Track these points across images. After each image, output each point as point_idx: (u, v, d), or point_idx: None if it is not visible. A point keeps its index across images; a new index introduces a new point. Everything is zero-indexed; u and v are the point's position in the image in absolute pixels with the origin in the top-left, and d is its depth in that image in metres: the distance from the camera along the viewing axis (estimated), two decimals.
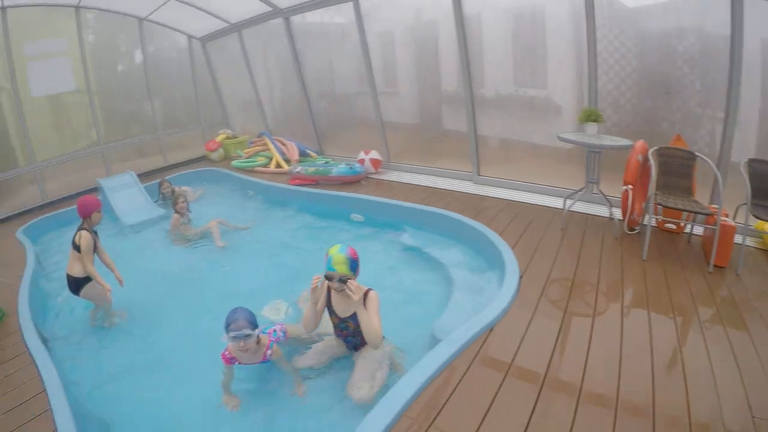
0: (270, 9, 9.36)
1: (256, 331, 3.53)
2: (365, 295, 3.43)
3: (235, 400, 3.77)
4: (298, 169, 8.60)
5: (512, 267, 4.58)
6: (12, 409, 3.57)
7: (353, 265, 3.39)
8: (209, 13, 10.21)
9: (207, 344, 4.01)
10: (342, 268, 3.31)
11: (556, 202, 5.97)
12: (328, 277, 3.36)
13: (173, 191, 8.11)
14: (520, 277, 4.50)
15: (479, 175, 7.07)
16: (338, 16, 8.77)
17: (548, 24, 6.04)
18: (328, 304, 3.62)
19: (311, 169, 8.52)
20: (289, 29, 9.46)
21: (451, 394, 3.15)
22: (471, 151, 7.00)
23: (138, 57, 11.16)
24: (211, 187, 9.67)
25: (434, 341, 3.65)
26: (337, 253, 3.34)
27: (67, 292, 5.06)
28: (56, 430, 3.16)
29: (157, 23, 11.15)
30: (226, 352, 3.79)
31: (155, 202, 8.29)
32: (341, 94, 9.51)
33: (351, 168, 8.14)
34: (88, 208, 4.87)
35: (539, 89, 6.19)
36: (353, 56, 8.67)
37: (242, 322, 3.45)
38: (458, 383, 3.26)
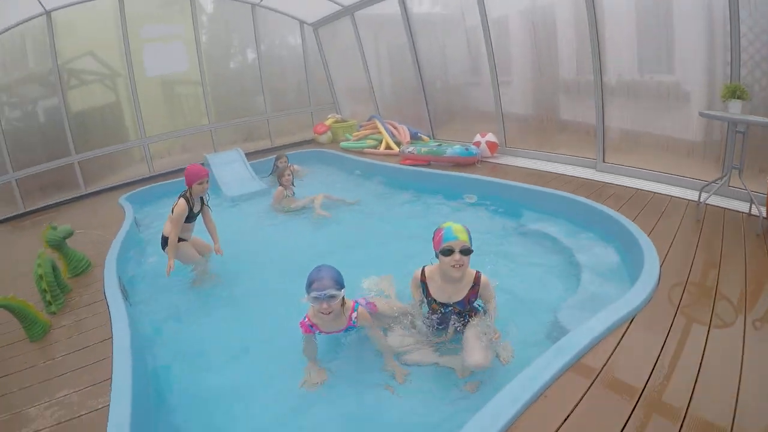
0: None
1: (342, 291, 3.05)
2: (477, 279, 3.14)
3: (317, 377, 3.17)
4: (410, 149, 8.28)
5: (651, 257, 3.74)
6: (76, 351, 3.47)
7: (470, 237, 3.03)
8: None
9: (297, 316, 3.37)
10: (464, 237, 2.97)
11: (688, 194, 5.14)
12: (446, 251, 2.95)
13: (290, 167, 7.95)
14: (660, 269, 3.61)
15: (604, 162, 6.41)
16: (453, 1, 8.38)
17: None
18: (426, 294, 3.24)
19: (424, 149, 8.12)
20: (405, 11, 9.15)
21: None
22: (597, 137, 6.40)
23: (250, 42, 11.50)
24: (319, 167, 9.69)
25: (557, 329, 3.24)
26: (455, 224, 3.03)
27: (157, 255, 5.15)
28: (112, 375, 2.97)
29: (270, 9, 11.43)
30: (305, 319, 3.26)
31: (268, 175, 8.39)
32: (454, 80, 9.18)
33: (466, 149, 7.54)
34: (191, 177, 4.87)
35: (666, 74, 5.60)
36: (466, 43, 8.39)
37: (327, 281, 2.99)
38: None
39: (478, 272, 3.16)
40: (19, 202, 8.39)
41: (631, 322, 2.97)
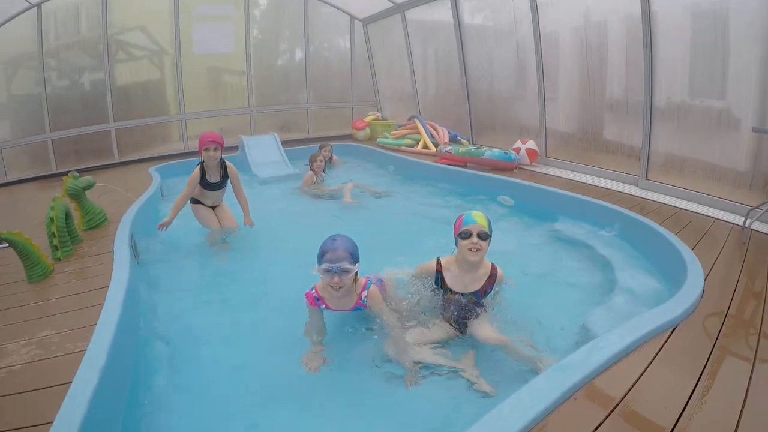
0: None
1: (356, 266, 2.79)
2: (494, 270, 3.09)
3: (317, 360, 2.81)
4: (448, 148, 8.09)
5: (694, 270, 3.38)
6: (70, 295, 3.33)
7: (491, 224, 3.01)
8: None
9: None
10: (483, 222, 2.95)
11: (732, 218, 4.83)
12: (465, 234, 2.93)
13: (330, 158, 8.08)
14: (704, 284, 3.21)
15: (646, 179, 6.21)
16: (505, 11, 8.14)
17: (733, 22, 5.06)
18: (441, 284, 3.10)
19: (461, 149, 7.89)
20: (457, 18, 9.01)
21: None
22: (642, 156, 6.22)
23: (299, 32, 11.45)
24: (353, 160, 9.47)
25: (585, 334, 2.95)
26: (475, 210, 3.06)
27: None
28: (98, 322, 2.73)
29: (323, 1, 11.38)
30: (313, 291, 2.97)
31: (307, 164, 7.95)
32: (499, 90, 8.98)
33: (505, 153, 7.24)
34: (199, 144, 4.74)
35: (717, 99, 5.39)
36: (515, 56, 8.27)
37: (341, 252, 2.71)
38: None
39: (494, 265, 3.09)
40: (52, 162, 8.45)
41: (666, 341, 2.53)
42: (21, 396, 2.19)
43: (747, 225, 4.32)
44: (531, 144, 7.64)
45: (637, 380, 2.17)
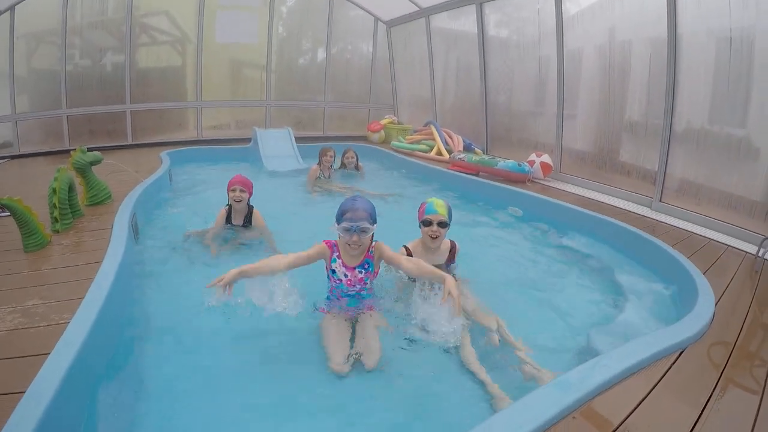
0: None
1: (374, 227, 2.90)
2: (453, 246, 3.57)
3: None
4: (461, 156, 8.01)
5: (705, 294, 3.28)
6: (63, 267, 3.29)
7: (450, 212, 3.42)
8: None
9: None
10: (443, 211, 3.34)
11: (745, 246, 4.74)
12: (426, 222, 3.34)
13: (356, 165, 7.66)
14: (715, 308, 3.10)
15: (660, 201, 6.16)
16: (530, 25, 8.10)
17: (758, 51, 4.98)
18: None
19: (475, 158, 7.81)
20: (482, 19, 8.97)
21: None
22: (657, 179, 6.18)
23: (322, 30, 11.43)
24: (365, 162, 9.14)
25: (588, 350, 2.85)
26: (437, 199, 3.43)
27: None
28: (85, 296, 2.67)
29: (349, 0, 11.35)
30: (333, 241, 3.03)
31: (335, 168, 7.69)
32: (517, 104, 8.95)
33: (519, 165, 7.16)
34: (228, 185, 4.45)
35: (738, 128, 5.34)
36: (537, 71, 8.22)
37: (362, 212, 2.82)
38: None
39: (453, 242, 3.57)
40: (66, 138, 8.49)
41: (672, 364, 2.41)
42: None
43: (760, 254, 4.24)
44: (545, 158, 7.56)
45: (640, 403, 2.05)
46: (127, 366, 2.54)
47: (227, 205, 4.44)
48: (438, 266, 3.14)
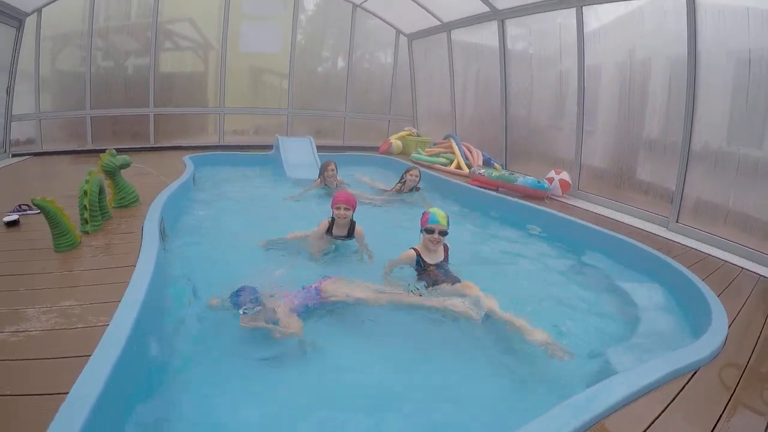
0: (487, 9, 8.94)
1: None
2: (446, 247, 4.14)
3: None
4: (481, 171, 7.98)
5: (719, 316, 3.31)
6: (96, 269, 3.31)
7: (449, 222, 3.96)
8: (424, 7, 10.15)
9: None
10: (444, 222, 3.88)
11: (762, 270, 4.72)
12: (429, 230, 3.86)
13: (416, 188, 7.24)
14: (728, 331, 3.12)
15: (677, 222, 6.13)
16: (551, 41, 8.12)
17: None
18: (422, 262, 3.98)
19: (495, 174, 7.78)
20: (503, 34, 9.01)
21: None
22: (674, 198, 6.16)
23: (345, 41, 11.55)
24: (383, 172, 9.35)
25: (601, 370, 2.88)
26: (439, 210, 3.95)
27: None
28: (122, 299, 2.69)
29: (371, 12, 11.49)
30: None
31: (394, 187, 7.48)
32: (537, 119, 8.94)
33: (539, 182, 7.17)
34: (332, 202, 4.64)
35: (755, 149, 5.36)
36: (558, 86, 8.25)
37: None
38: None
39: (446, 243, 4.10)
40: (89, 139, 8.60)
41: (685, 385, 2.44)
42: (38, 362, 2.14)
43: None
44: (564, 175, 7.55)
45: (651, 423, 2.09)
46: (163, 370, 2.55)
47: (330, 218, 4.57)
48: (438, 263, 3.95)
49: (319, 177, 7.01)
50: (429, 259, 3.99)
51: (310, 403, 2.46)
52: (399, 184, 7.08)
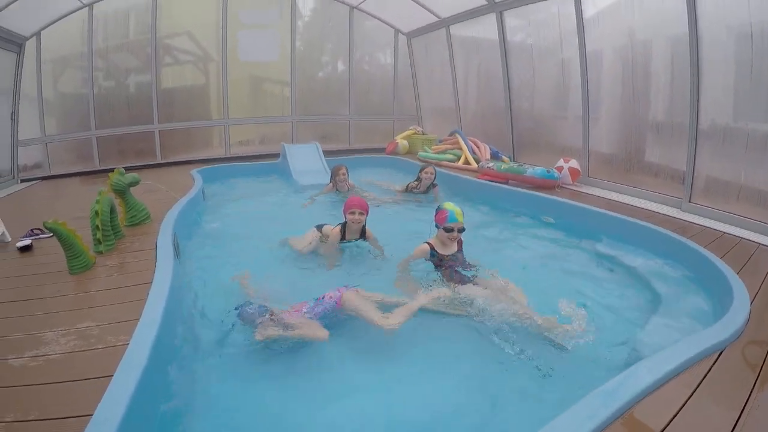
0: (484, 2, 8.93)
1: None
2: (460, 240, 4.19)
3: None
4: (490, 164, 7.97)
5: (740, 294, 3.29)
6: (112, 289, 3.29)
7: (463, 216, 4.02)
8: (421, 4, 10.13)
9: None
10: (462, 219, 3.97)
11: None
12: (448, 229, 3.93)
13: (434, 184, 7.21)
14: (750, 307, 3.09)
15: (690, 202, 6.12)
16: (550, 29, 8.09)
17: None
18: (436, 255, 4.04)
19: (504, 166, 7.77)
20: (503, 26, 8.97)
21: None
22: (686, 178, 6.15)
23: (343, 44, 11.55)
24: (391, 172, 9.41)
25: (626, 356, 2.90)
26: (456, 207, 3.99)
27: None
28: (141, 317, 2.67)
29: (368, 14, 11.47)
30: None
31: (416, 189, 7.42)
32: (541, 109, 8.92)
33: (548, 172, 7.15)
34: (345, 207, 4.68)
35: (763, 123, 5.32)
36: (560, 75, 8.19)
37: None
38: None
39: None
40: (96, 159, 8.65)
41: (712, 366, 2.42)
42: (60, 385, 2.12)
43: None
44: (573, 163, 7.53)
45: (681, 408, 2.07)
46: (183, 386, 2.52)
47: (341, 223, 4.61)
48: (453, 254, 4.02)
49: (330, 181, 7.02)
50: (443, 251, 4.07)
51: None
52: (415, 182, 7.10)
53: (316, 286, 3.57)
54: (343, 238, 4.58)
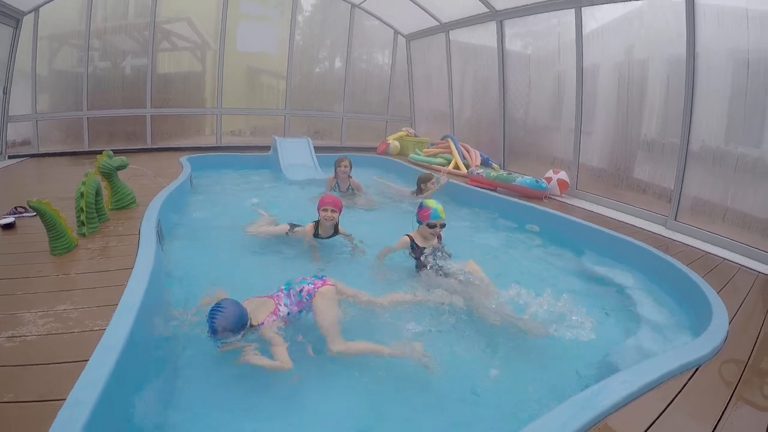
0: (486, 10, 8.95)
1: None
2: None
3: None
4: (480, 171, 8.01)
5: (719, 313, 3.36)
6: (93, 272, 3.27)
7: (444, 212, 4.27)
8: (422, 7, 10.15)
9: None
10: (444, 216, 4.22)
11: (761, 267, 4.77)
12: (432, 225, 4.19)
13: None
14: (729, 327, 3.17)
15: (675, 220, 6.18)
16: (549, 41, 8.14)
17: None
18: (416, 247, 4.28)
19: (493, 174, 7.81)
20: (502, 35, 9.02)
21: None
22: (673, 197, 6.21)
23: (342, 41, 11.54)
24: (385, 174, 9.30)
25: (603, 368, 2.93)
26: (438, 205, 4.23)
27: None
28: (119, 302, 2.69)
29: (369, 12, 11.49)
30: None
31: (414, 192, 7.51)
32: (535, 119, 8.98)
33: (537, 182, 7.20)
34: (318, 204, 4.74)
35: (753, 148, 5.41)
36: (556, 86, 8.26)
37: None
38: None
39: None
40: (85, 140, 8.57)
41: (687, 382, 2.47)
42: (34, 368, 2.12)
43: None
44: (562, 175, 7.58)
45: (654, 421, 2.12)
46: (160, 373, 2.54)
47: (315, 220, 4.67)
48: (433, 246, 4.21)
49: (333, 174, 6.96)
50: (422, 243, 4.30)
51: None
52: (417, 192, 7.12)
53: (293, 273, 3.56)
54: (316, 234, 4.66)
